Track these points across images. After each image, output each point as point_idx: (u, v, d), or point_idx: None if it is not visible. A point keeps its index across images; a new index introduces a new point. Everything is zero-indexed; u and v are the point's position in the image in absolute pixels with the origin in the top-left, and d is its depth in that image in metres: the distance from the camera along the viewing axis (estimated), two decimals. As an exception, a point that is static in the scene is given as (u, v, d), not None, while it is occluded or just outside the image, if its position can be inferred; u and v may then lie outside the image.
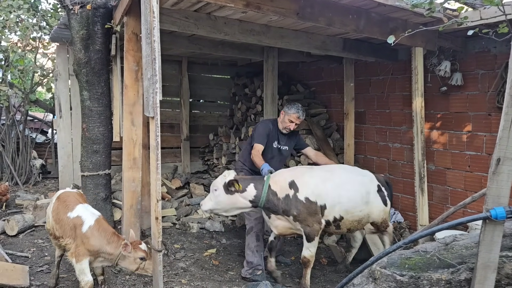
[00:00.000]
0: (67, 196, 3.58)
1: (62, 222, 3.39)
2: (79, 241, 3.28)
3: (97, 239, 3.29)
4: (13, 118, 7.40)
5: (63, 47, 6.33)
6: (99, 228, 3.34)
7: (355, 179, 4.00)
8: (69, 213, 3.39)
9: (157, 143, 2.98)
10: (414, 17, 4.21)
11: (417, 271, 2.09)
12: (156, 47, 2.89)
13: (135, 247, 3.32)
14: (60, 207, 3.46)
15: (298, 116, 4.35)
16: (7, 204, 5.97)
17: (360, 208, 3.93)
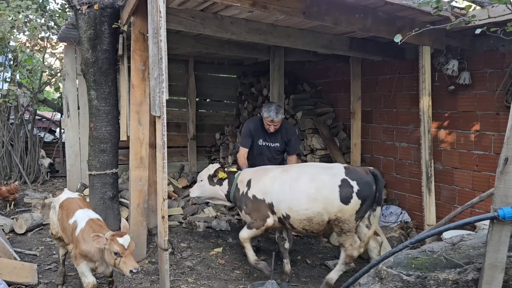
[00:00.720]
0: (69, 203, 3.53)
1: (66, 230, 3.38)
2: (75, 245, 3.25)
3: (87, 242, 3.11)
4: (21, 117, 7.47)
5: (71, 46, 6.38)
6: (89, 230, 3.16)
7: (306, 176, 3.76)
8: (70, 220, 3.36)
9: (163, 142, 3.00)
10: (421, 15, 4.18)
11: (423, 271, 2.08)
12: (163, 46, 2.90)
13: (112, 239, 2.98)
14: (63, 216, 3.44)
15: (272, 119, 4.52)
16: (15, 203, 6.02)
17: (306, 206, 3.66)
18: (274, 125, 4.56)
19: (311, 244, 5.39)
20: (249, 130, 4.70)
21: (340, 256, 3.81)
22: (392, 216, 5.53)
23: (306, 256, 4.93)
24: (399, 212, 5.59)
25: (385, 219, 5.49)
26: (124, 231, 3.14)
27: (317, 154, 6.00)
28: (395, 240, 4.73)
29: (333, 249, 5.26)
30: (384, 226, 5.25)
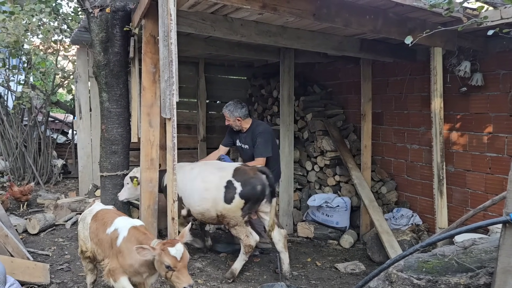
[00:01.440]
0: (105, 213, 3.24)
1: (103, 242, 3.02)
2: (114, 258, 2.88)
3: (132, 252, 2.72)
4: (35, 119, 7.58)
5: (83, 49, 6.46)
6: (133, 238, 2.85)
7: (200, 177, 4.19)
8: (108, 229, 3.02)
9: (173, 144, 3.02)
10: (432, 16, 4.15)
11: (434, 274, 2.06)
12: (173, 49, 2.92)
13: (163, 249, 2.63)
14: (99, 226, 3.11)
15: (227, 115, 4.75)
16: (28, 203, 6.11)
17: (198, 203, 4.15)
18: (228, 120, 4.74)
19: (321, 247, 5.38)
20: (229, 130, 4.95)
21: (241, 248, 4.14)
22: (403, 218, 5.48)
23: (316, 259, 4.91)
24: (410, 214, 5.54)
25: (396, 222, 5.45)
26: (177, 238, 2.81)
27: (327, 156, 5.98)
28: (407, 244, 4.69)
29: (343, 251, 5.24)
30: (395, 228, 5.21)
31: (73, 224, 5.43)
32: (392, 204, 5.92)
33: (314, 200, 5.61)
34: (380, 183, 5.99)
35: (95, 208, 3.38)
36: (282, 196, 5.94)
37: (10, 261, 3.69)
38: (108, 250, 2.96)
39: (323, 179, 6.11)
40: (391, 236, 4.71)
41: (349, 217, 5.70)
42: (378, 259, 4.80)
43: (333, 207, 5.50)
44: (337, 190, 5.99)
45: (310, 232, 5.62)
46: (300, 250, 5.21)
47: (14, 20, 6.28)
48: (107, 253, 2.96)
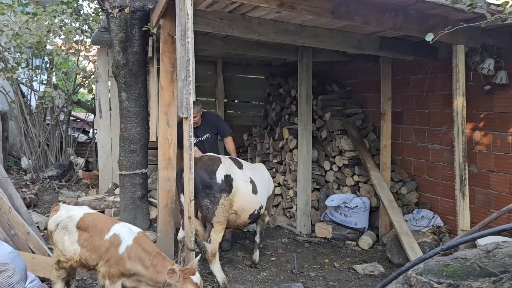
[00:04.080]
0: (93, 219, 3.16)
1: (98, 249, 3.03)
2: (114, 262, 2.94)
3: (134, 262, 2.90)
4: (57, 118, 7.74)
5: (103, 49, 6.55)
6: (139, 248, 2.93)
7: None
8: (105, 236, 3.03)
9: (190, 143, 3.02)
10: (455, 13, 4.03)
11: (455, 279, 2.00)
12: (190, 48, 2.93)
13: (185, 277, 2.76)
14: (91, 233, 3.08)
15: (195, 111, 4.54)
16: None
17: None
18: (195, 117, 4.60)
19: (339, 247, 5.32)
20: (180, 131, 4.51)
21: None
22: (424, 220, 5.37)
23: (334, 260, 4.86)
24: (431, 216, 5.42)
25: (417, 223, 5.34)
26: (191, 267, 2.88)
27: (346, 156, 5.90)
28: (427, 246, 4.59)
29: (362, 252, 5.17)
30: (415, 230, 5.10)
31: (93, 221, 5.51)
32: (412, 205, 5.80)
33: (332, 200, 5.55)
34: (400, 184, 5.88)
35: (75, 214, 3.20)
36: (299, 196, 5.90)
37: (32, 257, 3.77)
38: (105, 254, 3.00)
39: (341, 179, 6.04)
40: (411, 238, 4.61)
41: (368, 218, 5.61)
42: (397, 261, 4.71)
43: (351, 208, 5.43)
44: (356, 190, 5.90)
45: (328, 233, 5.56)
46: (317, 250, 5.16)
47: (36, 21, 6.41)
48: (104, 257, 3.00)
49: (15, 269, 3.06)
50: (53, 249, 3.33)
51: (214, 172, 3.83)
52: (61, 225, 3.16)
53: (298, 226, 5.91)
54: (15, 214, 3.89)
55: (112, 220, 3.30)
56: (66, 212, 3.23)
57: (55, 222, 3.20)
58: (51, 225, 3.22)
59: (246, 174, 4.16)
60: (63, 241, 3.13)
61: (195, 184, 3.45)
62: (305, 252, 5.10)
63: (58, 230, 3.16)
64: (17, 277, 3.06)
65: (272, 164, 6.86)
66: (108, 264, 2.96)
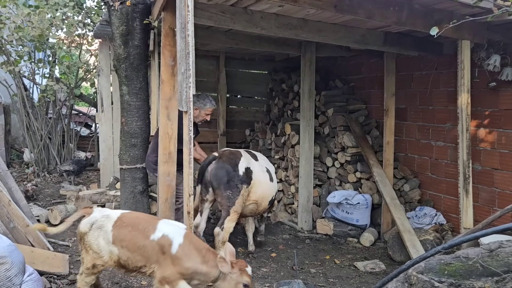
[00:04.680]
0: (132, 218, 3.05)
1: (142, 249, 2.88)
2: (169, 264, 2.83)
3: (191, 258, 2.85)
4: (59, 112, 7.73)
5: (105, 43, 6.51)
6: (191, 245, 2.90)
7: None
8: (152, 235, 2.90)
9: (190, 138, 2.99)
10: (461, 8, 3.96)
11: (457, 278, 1.96)
12: (190, 41, 2.88)
13: (241, 269, 2.84)
14: (135, 234, 2.92)
15: (215, 108, 4.87)
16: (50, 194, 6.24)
17: None
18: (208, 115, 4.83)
19: (341, 244, 5.28)
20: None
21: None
22: (426, 217, 5.32)
23: (335, 256, 4.82)
24: (433, 213, 5.37)
25: (419, 221, 5.29)
26: (242, 260, 2.97)
27: (348, 152, 5.85)
28: (429, 243, 4.55)
29: (363, 250, 5.13)
30: (418, 228, 5.06)
31: (94, 215, 5.50)
32: (415, 202, 5.76)
33: (334, 196, 5.51)
34: (403, 181, 5.83)
35: (112, 213, 3.07)
36: (301, 192, 5.86)
37: (31, 251, 3.76)
38: (154, 256, 2.87)
39: (343, 176, 5.99)
40: (413, 236, 4.57)
41: (369, 214, 5.57)
42: (399, 258, 4.67)
43: (353, 204, 5.39)
44: (358, 187, 5.86)
45: (329, 229, 5.52)
46: (318, 247, 5.13)
47: (39, 14, 6.38)
48: (153, 259, 2.88)
49: (13, 262, 3.05)
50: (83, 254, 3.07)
51: (237, 165, 4.11)
52: (96, 225, 2.96)
53: (299, 222, 5.87)
54: (14, 207, 3.88)
55: (152, 217, 3.19)
56: (100, 212, 3.06)
57: (89, 223, 2.99)
58: (84, 226, 3.00)
59: (262, 164, 4.49)
60: (98, 242, 2.93)
61: (220, 176, 3.96)
62: (306, 248, 5.07)
63: (92, 231, 2.96)
64: (15, 270, 3.05)
65: (274, 159, 6.82)
66: (163, 268, 2.84)
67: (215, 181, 4.07)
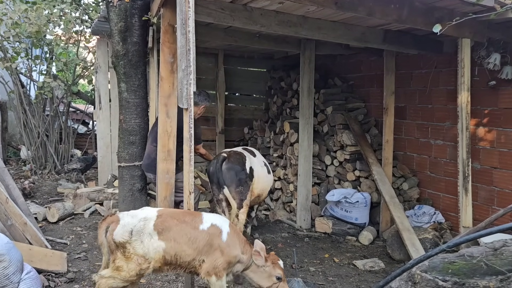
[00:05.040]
0: (174, 212, 3.00)
1: (196, 240, 2.84)
2: (218, 254, 2.85)
3: (236, 247, 2.93)
4: (56, 109, 7.67)
5: (103, 40, 6.46)
6: (235, 234, 2.99)
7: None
8: (200, 226, 2.88)
9: (190, 135, 2.96)
10: (461, 6, 3.95)
11: (461, 276, 1.94)
12: (191, 37, 2.86)
13: (274, 262, 2.98)
14: (183, 226, 2.86)
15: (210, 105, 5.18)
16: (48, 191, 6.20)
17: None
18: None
19: (339, 243, 5.27)
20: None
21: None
22: (425, 216, 5.32)
23: (334, 255, 4.81)
24: (432, 212, 5.37)
25: (418, 219, 5.29)
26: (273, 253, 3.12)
27: (347, 151, 5.83)
28: (428, 242, 4.54)
29: (362, 248, 5.12)
30: (417, 226, 5.05)
31: (92, 213, 5.48)
32: (414, 201, 5.75)
33: (333, 195, 5.49)
34: (402, 179, 5.83)
35: (147, 214, 2.91)
36: (300, 190, 5.84)
37: (28, 248, 3.73)
38: (205, 247, 2.84)
39: (342, 174, 5.98)
40: (412, 234, 4.56)
41: (368, 213, 5.56)
42: (398, 257, 4.67)
43: (352, 203, 5.38)
44: (357, 185, 5.85)
45: (328, 228, 5.51)
46: (317, 245, 5.12)
47: (36, 11, 6.33)
48: (203, 250, 2.84)
49: (11, 260, 3.02)
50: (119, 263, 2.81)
51: (244, 163, 4.41)
52: (136, 231, 2.79)
53: (298, 221, 5.86)
54: (12, 205, 3.85)
55: (190, 211, 3.16)
56: (132, 217, 2.88)
57: (127, 230, 2.79)
58: (123, 235, 2.78)
59: (260, 159, 4.80)
60: (144, 246, 2.78)
61: (231, 175, 4.26)
62: (305, 247, 5.06)
63: (134, 237, 2.78)
64: (13, 268, 3.02)
65: (272, 158, 6.81)
66: (212, 258, 2.83)
67: (229, 179, 4.30)
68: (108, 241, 2.84)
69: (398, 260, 4.66)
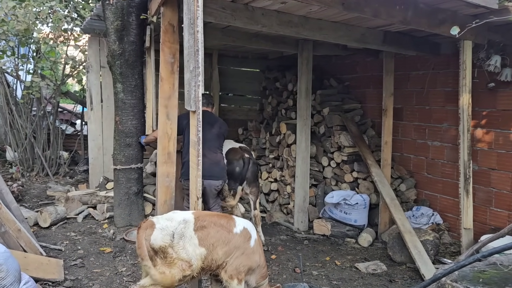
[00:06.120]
0: (208, 215, 2.93)
1: (229, 243, 2.81)
2: (244, 258, 2.83)
3: (258, 255, 2.94)
4: (44, 109, 7.44)
5: (95, 38, 6.28)
6: (259, 242, 2.99)
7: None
8: (234, 230, 2.87)
9: (198, 138, 2.86)
10: (465, 7, 3.94)
11: (492, 286, 1.90)
12: (200, 37, 2.77)
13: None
14: (219, 229, 2.82)
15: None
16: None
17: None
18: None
19: (339, 245, 5.23)
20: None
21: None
22: (423, 217, 5.33)
23: (335, 258, 4.77)
24: (430, 213, 5.38)
25: (416, 221, 5.29)
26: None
27: (345, 152, 5.80)
28: (429, 244, 4.53)
29: (362, 250, 5.09)
30: (415, 228, 5.04)
31: (85, 217, 5.31)
32: (411, 202, 5.76)
33: (332, 197, 5.45)
34: (399, 181, 5.83)
35: (186, 216, 2.81)
36: (297, 192, 5.79)
37: (23, 256, 3.57)
38: (234, 250, 2.82)
39: (339, 175, 5.95)
40: (414, 236, 4.55)
41: (367, 215, 5.53)
42: (399, 259, 4.65)
43: (352, 205, 5.35)
44: (355, 186, 5.82)
45: (327, 230, 5.47)
46: (317, 248, 5.07)
47: (24, 8, 6.11)
48: (232, 253, 2.81)
49: (9, 270, 2.87)
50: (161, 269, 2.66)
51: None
52: (178, 234, 2.68)
53: (295, 223, 5.80)
54: (5, 211, 3.68)
55: (221, 213, 3.23)
56: (170, 220, 2.76)
57: (168, 234, 2.67)
58: (163, 239, 2.65)
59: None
60: (187, 249, 2.67)
61: (255, 171, 4.79)
62: (305, 249, 5.01)
63: (176, 241, 2.66)
64: (10, 278, 2.88)
65: (268, 159, 6.74)
66: (237, 261, 2.80)
67: (252, 176, 4.73)
68: (148, 247, 2.68)
69: (400, 262, 4.64)
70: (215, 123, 4.43)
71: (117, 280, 3.75)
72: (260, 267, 2.98)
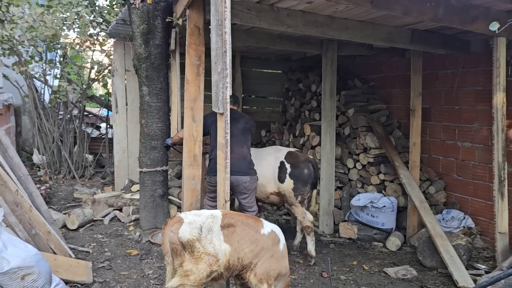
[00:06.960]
0: (236, 215, 2.88)
1: (257, 243, 2.77)
2: (274, 261, 2.77)
3: (287, 260, 2.89)
4: (70, 113, 7.57)
5: (120, 42, 6.35)
6: (287, 249, 2.93)
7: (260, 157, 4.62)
8: (262, 230, 2.82)
9: (226, 141, 2.84)
10: (498, 3, 3.81)
11: (543, 295, 1.81)
12: (227, 39, 2.74)
13: None
14: (247, 229, 2.78)
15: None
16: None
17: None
18: None
19: (366, 249, 5.12)
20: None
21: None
22: (454, 221, 5.16)
23: (363, 262, 4.66)
24: (461, 217, 5.21)
25: (447, 224, 5.13)
26: None
27: (371, 154, 5.69)
28: (462, 248, 4.39)
29: (390, 254, 4.97)
30: (446, 231, 4.88)
31: (111, 220, 5.35)
32: (441, 205, 5.59)
33: (359, 199, 5.35)
34: (428, 183, 5.67)
35: (214, 212, 2.81)
36: (322, 195, 5.70)
37: (54, 258, 3.61)
38: (262, 252, 2.75)
39: (365, 178, 5.83)
40: (446, 240, 4.40)
41: (395, 218, 5.40)
42: (430, 264, 4.51)
43: (379, 208, 5.23)
44: (382, 189, 5.69)
45: (353, 233, 5.36)
46: (344, 252, 4.97)
47: (52, 14, 6.23)
48: (260, 255, 2.75)
49: (40, 272, 2.91)
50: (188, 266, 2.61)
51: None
52: (206, 228, 2.65)
53: (320, 226, 5.71)
54: (36, 213, 3.73)
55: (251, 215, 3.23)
56: (197, 215, 2.74)
57: (196, 227, 2.62)
58: (191, 232, 2.60)
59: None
60: (214, 244, 2.63)
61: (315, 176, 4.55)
62: (331, 253, 4.92)
63: (204, 235, 2.62)
64: (42, 280, 2.91)
65: (292, 161, 6.66)
66: (266, 264, 2.73)
67: (316, 179, 4.64)
68: (173, 244, 2.62)
69: (430, 267, 4.50)
70: (241, 118, 4.24)
71: (144, 283, 3.75)
72: (286, 274, 2.92)
